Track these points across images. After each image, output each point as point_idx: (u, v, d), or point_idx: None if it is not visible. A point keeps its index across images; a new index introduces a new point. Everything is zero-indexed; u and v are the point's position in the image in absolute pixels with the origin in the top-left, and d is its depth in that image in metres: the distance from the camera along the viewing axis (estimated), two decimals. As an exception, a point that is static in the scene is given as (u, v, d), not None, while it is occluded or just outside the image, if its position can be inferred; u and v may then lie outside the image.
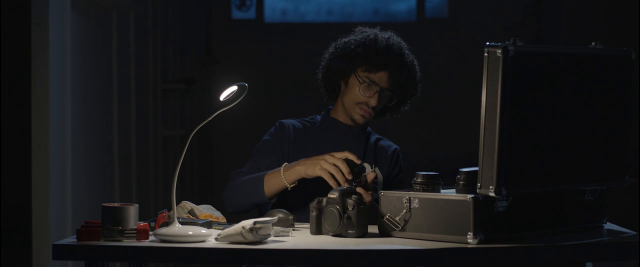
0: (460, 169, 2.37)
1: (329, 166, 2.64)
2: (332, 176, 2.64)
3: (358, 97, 2.88)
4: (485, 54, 2.18)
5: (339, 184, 2.63)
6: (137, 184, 5.05)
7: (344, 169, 2.63)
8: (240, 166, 2.89)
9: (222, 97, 2.38)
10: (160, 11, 5.62)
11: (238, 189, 2.79)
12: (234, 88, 2.38)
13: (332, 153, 2.66)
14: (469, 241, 2.24)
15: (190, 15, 6.83)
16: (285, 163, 2.78)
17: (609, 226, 2.54)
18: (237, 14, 7.57)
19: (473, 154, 2.34)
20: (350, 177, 2.63)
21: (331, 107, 3.03)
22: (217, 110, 2.36)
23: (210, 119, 2.36)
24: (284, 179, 2.71)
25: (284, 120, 2.96)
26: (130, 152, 4.98)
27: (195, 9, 7.06)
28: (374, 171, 2.86)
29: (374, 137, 3.00)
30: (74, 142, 3.80)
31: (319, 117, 3.02)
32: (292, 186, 2.72)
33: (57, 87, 3.55)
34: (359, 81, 2.87)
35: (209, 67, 7.24)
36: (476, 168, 2.24)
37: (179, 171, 2.33)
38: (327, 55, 2.96)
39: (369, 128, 3.01)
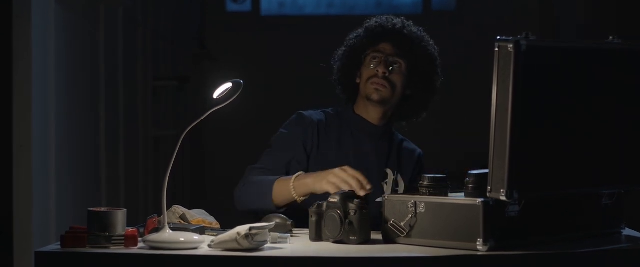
0: (470, 171, 2.36)
1: (338, 180, 2.54)
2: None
3: (368, 73, 2.88)
4: (496, 49, 2.18)
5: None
6: (125, 187, 5.04)
7: (355, 185, 2.52)
8: (236, 167, 2.88)
9: (216, 94, 2.37)
10: (150, 4, 5.61)
11: (249, 189, 2.74)
12: (228, 85, 2.37)
13: (344, 168, 2.57)
14: (478, 247, 2.23)
15: (183, 8, 6.83)
16: (300, 172, 2.70)
17: (627, 231, 2.54)
18: (232, 7, 7.57)
19: (483, 155, 2.34)
20: (362, 194, 2.49)
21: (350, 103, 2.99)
22: (211, 109, 2.36)
23: (203, 118, 2.36)
24: (293, 191, 2.66)
25: (304, 112, 2.91)
26: (119, 154, 4.97)
27: (188, 2, 7.06)
28: (397, 179, 2.84)
29: (398, 137, 2.99)
30: (58, 143, 3.79)
31: (339, 110, 2.99)
32: (302, 199, 2.65)
33: (40, 84, 3.55)
34: (367, 60, 2.89)
35: (202, 63, 7.24)
36: (486, 170, 2.24)
37: (170, 173, 2.32)
38: (336, 58, 2.97)
39: (393, 128, 2.99)
